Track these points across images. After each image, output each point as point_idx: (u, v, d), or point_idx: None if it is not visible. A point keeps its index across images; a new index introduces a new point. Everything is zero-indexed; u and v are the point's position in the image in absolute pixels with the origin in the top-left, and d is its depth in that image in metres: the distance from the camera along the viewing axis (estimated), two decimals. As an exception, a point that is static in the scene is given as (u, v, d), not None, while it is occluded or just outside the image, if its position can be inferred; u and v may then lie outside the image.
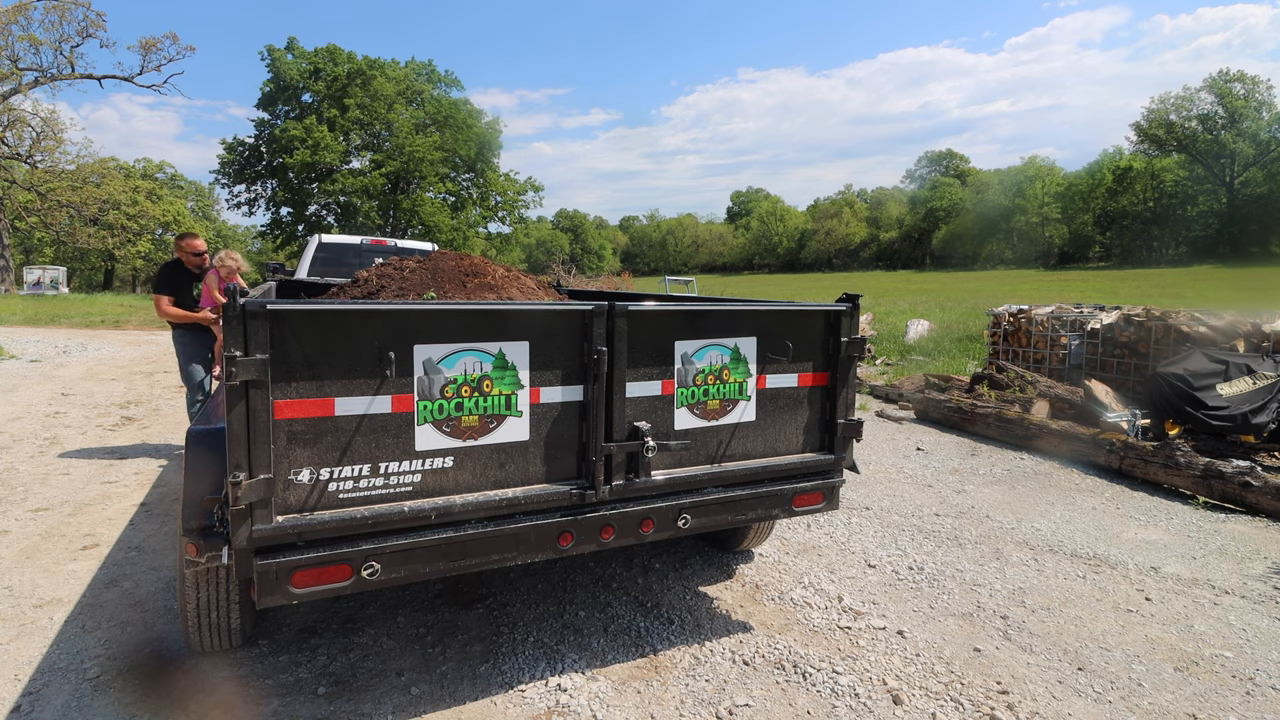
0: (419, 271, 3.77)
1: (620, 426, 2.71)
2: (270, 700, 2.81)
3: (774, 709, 2.82)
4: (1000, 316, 9.89)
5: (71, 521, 4.74)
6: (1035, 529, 4.82)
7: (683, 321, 2.86)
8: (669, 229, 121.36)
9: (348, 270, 7.46)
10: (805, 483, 3.14)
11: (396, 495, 2.39)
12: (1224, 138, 65.41)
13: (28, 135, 33.79)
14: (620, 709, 2.80)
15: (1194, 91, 67.78)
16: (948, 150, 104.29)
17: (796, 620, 3.53)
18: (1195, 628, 3.50)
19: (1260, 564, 4.26)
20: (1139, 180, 70.62)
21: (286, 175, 44.21)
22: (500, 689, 2.91)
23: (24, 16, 31.32)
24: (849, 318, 3.14)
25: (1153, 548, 4.51)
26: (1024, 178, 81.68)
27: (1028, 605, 3.71)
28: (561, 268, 31.56)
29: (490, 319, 2.48)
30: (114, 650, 3.16)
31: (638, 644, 3.28)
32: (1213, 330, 7.56)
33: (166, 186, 52.00)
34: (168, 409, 8.61)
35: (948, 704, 2.85)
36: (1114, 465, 6.03)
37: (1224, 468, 5.30)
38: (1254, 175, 64.43)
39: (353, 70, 44.74)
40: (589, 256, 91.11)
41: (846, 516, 5.01)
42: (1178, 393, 6.44)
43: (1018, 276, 52.23)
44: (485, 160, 47.81)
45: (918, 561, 4.25)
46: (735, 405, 2.99)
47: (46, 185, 34.10)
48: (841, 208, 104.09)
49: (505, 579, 3.89)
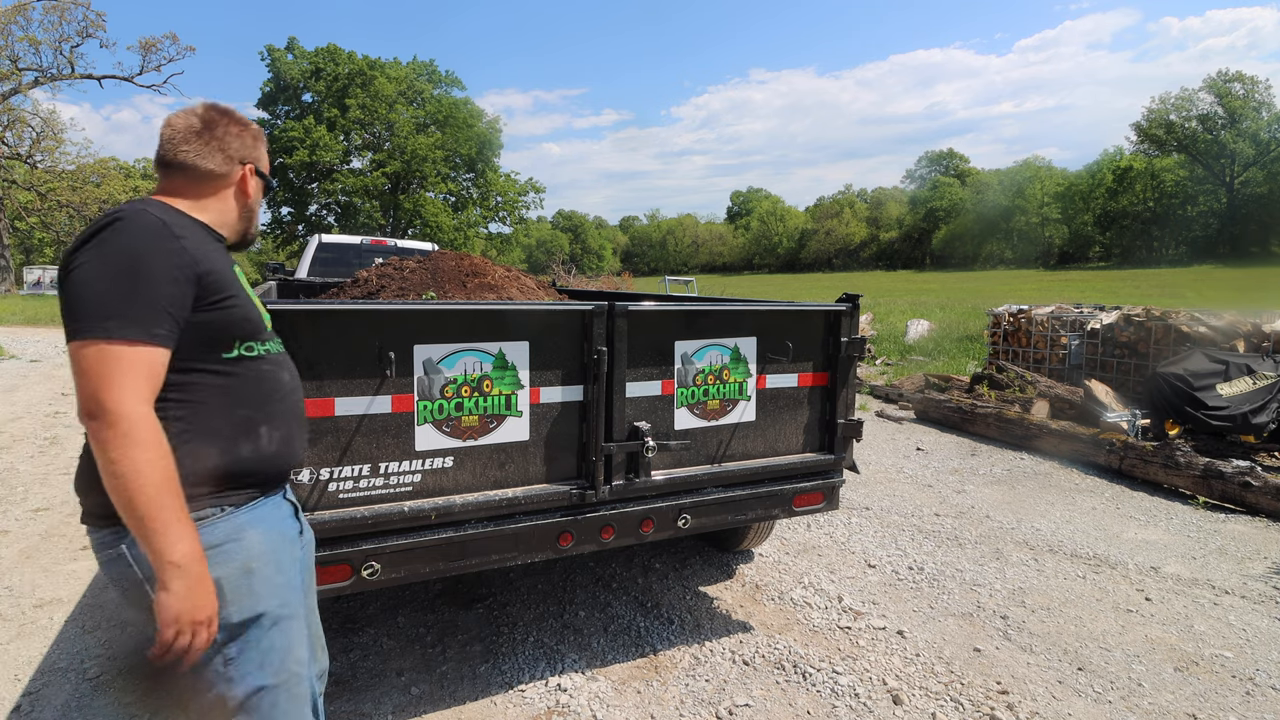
0: (419, 271, 3.77)
1: (620, 426, 2.71)
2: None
3: (774, 709, 2.82)
4: (1000, 316, 9.89)
5: (71, 521, 4.74)
6: (1035, 529, 4.82)
7: (683, 321, 2.85)
8: (669, 229, 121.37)
9: (348, 270, 7.45)
10: (805, 483, 3.14)
11: (396, 495, 2.39)
12: (1224, 138, 65.41)
13: (28, 135, 33.81)
14: (620, 709, 2.80)
15: (1194, 92, 67.83)
16: (948, 150, 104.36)
17: (796, 620, 3.53)
18: (1195, 628, 3.51)
19: (1260, 564, 4.26)
20: (1139, 180, 70.58)
21: (287, 175, 44.21)
22: (500, 689, 2.91)
23: (24, 16, 31.34)
24: (849, 318, 3.14)
25: (1153, 548, 4.51)
26: (1024, 178, 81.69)
27: (1028, 605, 3.72)
28: (561, 268, 31.55)
29: (490, 319, 2.48)
30: (114, 650, 3.16)
31: (638, 644, 3.28)
32: (1213, 330, 7.56)
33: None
34: (168, 409, 8.60)
35: (948, 704, 2.86)
36: (1114, 465, 6.03)
37: (1224, 468, 5.30)
38: (1254, 175, 64.41)
39: (353, 70, 44.75)
40: (589, 256, 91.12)
41: (846, 516, 5.01)
42: (1178, 393, 6.43)
43: (1018, 276, 52.25)
44: (486, 160, 47.83)
45: (918, 561, 4.26)
46: (735, 405, 2.99)
47: (46, 185, 34.10)
48: (842, 208, 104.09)
49: (505, 579, 3.89)
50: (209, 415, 1.47)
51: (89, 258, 1.35)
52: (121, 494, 1.28)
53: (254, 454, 1.53)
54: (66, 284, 1.34)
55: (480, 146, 46.71)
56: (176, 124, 1.61)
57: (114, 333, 1.29)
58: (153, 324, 1.33)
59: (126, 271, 1.34)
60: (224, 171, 1.64)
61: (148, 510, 1.29)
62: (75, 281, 1.34)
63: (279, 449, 1.58)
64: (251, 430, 1.53)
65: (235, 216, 1.69)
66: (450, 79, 49.19)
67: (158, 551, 1.31)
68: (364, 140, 46.25)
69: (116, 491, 1.29)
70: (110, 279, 1.33)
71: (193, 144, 1.61)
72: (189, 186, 1.61)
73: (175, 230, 1.45)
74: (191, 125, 1.62)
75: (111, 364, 1.28)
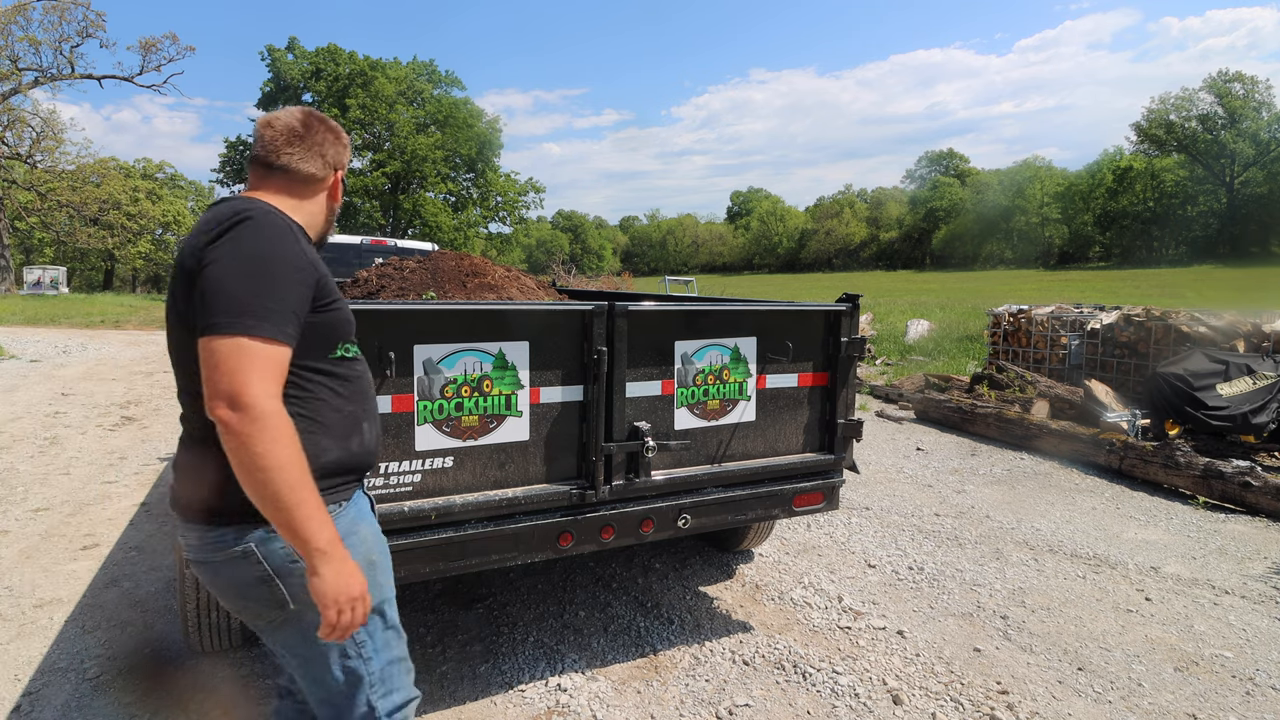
0: (419, 271, 3.77)
1: (620, 426, 2.71)
2: (270, 700, 2.80)
3: (774, 709, 2.82)
4: (1000, 316, 9.89)
5: (71, 521, 4.74)
6: (1035, 529, 4.82)
7: (683, 321, 2.85)
8: (669, 229, 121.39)
9: (348, 270, 7.44)
10: (805, 483, 3.14)
11: (396, 495, 2.39)
12: (1224, 138, 65.42)
13: (28, 135, 33.78)
14: (620, 709, 2.80)
15: (1194, 92, 67.85)
16: (948, 150, 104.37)
17: (796, 620, 3.53)
18: (1195, 628, 3.51)
19: (1260, 564, 4.26)
20: (1139, 180, 70.60)
21: (286, 175, 44.16)
22: (500, 689, 2.91)
23: (24, 16, 31.32)
24: (849, 318, 3.14)
25: (1153, 548, 4.51)
26: (1024, 178, 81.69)
27: (1028, 605, 3.72)
28: (561, 268, 31.54)
29: (490, 319, 2.48)
30: (114, 650, 3.16)
31: (638, 644, 3.28)
32: (1213, 330, 7.56)
33: (166, 186, 51.96)
34: (168, 409, 8.61)
35: (948, 704, 2.86)
36: (1114, 465, 6.03)
37: (1224, 468, 5.30)
38: (1254, 175, 64.42)
39: (354, 70, 44.73)
40: (589, 256, 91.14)
41: (846, 516, 5.01)
42: (1178, 393, 6.43)
43: (1018, 276, 52.25)
44: (486, 160, 47.81)
45: (918, 561, 4.26)
46: (735, 405, 2.99)
47: (46, 185, 34.07)
48: (842, 208, 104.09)
49: (505, 579, 3.89)
50: (324, 412, 1.54)
51: (224, 254, 1.39)
52: (267, 487, 1.31)
53: (360, 448, 1.62)
54: (201, 277, 1.38)
55: (480, 146, 46.67)
56: (278, 126, 1.65)
57: (252, 330, 1.34)
58: (284, 323, 1.39)
59: (261, 271, 1.39)
60: (321, 175, 1.70)
61: (292, 501, 1.32)
62: (211, 277, 1.37)
63: (374, 444, 1.70)
64: (356, 426, 1.61)
65: (323, 219, 1.74)
66: (450, 79, 49.17)
67: (305, 540, 1.35)
68: (364, 140, 46.22)
69: (261, 485, 1.32)
70: (246, 277, 1.38)
71: (295, 148, 1.65)
72: (290, 188, 1.66)
73: (298, 233, 1.53)
74: (293, 129, 1.65)
75: (249, 360, 1.32)
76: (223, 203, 1.52)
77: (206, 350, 1.34)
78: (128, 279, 54.71)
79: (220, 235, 1.41)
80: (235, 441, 1.31)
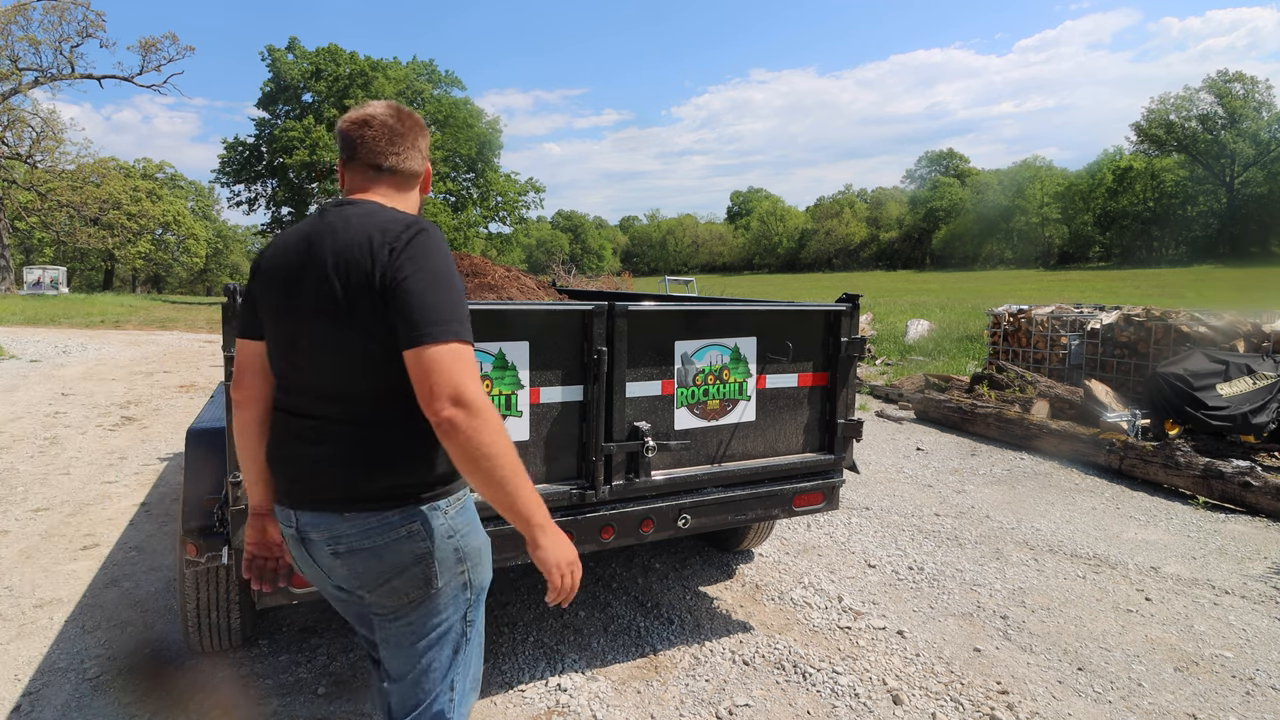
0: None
1: (620, 426, 2.71)
2: (270, 700, 2.81)
3: (774, 709, 2.82)
4: (1000, 316, 9.89)
5: (71, 521, 4.74)
6: (1035, 529, 4.82)
7: (683, 321, 2.86)
8: (669, 229, 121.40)
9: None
10: (805, 483, 3.14)
11: (396, 495, 2.38)
12: (1224, 138, 65.43)
13: (28, 135, 33.78)
14: (620, 709, 2.80)
15: (1194, 92, 67.85)
16: (948, 150, 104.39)
17: (796, 620, 3.53)
18: (1195, 628, 3.51)
19: (1260, 564, 4.26)
20: (1139, 180, 70.60)
21: (286, 174, 44.21)
22: (500, 689, 2.91)
23: (24, 16, 31.32)
24: (849, 318, 3.14)
25: (1153, 548, 4.51)
26: (1024, 178, 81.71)
27: (1028, 605, 3.72)
28: (561, 268, 31.53)
29: (490, 319, 2.48)
30: (114, 650, 3.16)
31: (638, 644, 3.28)
32: (1213, 330, 7.57)
33: (166, 186, 51.97)
34: (168, 409, 8.61)
35: (948, 704, 2.86)
36: (1114, 465, 6.03)
37: (1224, 468, 5.30)
38: (1254, 175, 64.43)
39: (354, 71, 44.74)
40: (589, 257, 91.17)
41: (846, 516, 5.01)
42: (1178, 393, 6.44)
43: (1018, 276, 52.27)
44: (486, 160, 47.80)
45: (918, 561, 4.26)
46: (735, 405, 2.99)
47: (46, 185, 34.07)
48: (842, 208, 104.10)
49: (505, 579, 3.89)
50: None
51: (417, 268, 1.46)
52: (494, 473, 1.42)
53: None
54: (401, 291, 1.44)
55: (480, 146, 46.66)
56: (376, 125, 1.63)
57: (460, 335, 1.44)
58: (469, 328, 1.49)
59: (448, 282, 1.49)
60: (420, 171, 1.71)
61: (515, 484, 1.44)
62: (413, 291, 1.44)
63: None
64: None
65: (419, 212, 1.73)
66: (450, 79, 49.16)
67: (526, 518, 1.47)
68: (364, 140, 46.20)
69: (488, 472, 1.42)
70: (442, 288, 1.47)
71: (399, 146, 1.65)
72: (398, 185, 1.67)
73: None
74: (391, 127, 1.65)
75: (464, 362, 1.42)
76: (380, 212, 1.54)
77: (423, 357, 1.41)
78: (128, 279, 54.75)
79: (404, 248, 1.47)
80: (463, 436, 1.39)
